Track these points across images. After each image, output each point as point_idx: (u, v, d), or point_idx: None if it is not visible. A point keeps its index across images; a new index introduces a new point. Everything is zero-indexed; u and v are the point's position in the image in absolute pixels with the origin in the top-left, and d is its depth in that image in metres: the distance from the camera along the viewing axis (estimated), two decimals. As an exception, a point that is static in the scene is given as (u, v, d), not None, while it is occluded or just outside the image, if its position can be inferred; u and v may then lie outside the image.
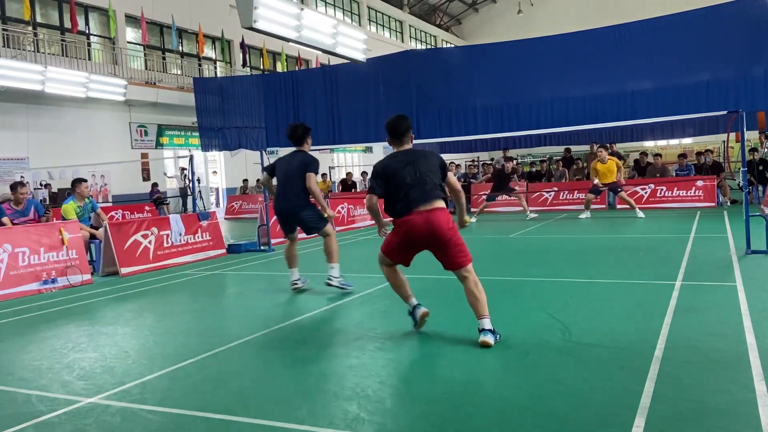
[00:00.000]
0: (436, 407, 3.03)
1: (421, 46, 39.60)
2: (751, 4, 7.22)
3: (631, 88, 7.95)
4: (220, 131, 10.46)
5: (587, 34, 8.30)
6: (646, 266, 6.83)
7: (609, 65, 8.11)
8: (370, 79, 9.76)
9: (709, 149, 16.31)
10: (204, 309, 5.95)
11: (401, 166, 4.26)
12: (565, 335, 4.14)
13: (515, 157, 21.28)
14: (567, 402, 2.98)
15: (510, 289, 6.02)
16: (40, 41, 18.17)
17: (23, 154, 17.36)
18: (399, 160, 4.32)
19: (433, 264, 4.42)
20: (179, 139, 22.71)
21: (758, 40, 7.13)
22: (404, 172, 4.23)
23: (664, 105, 7.75)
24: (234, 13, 19.16)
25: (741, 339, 3.79)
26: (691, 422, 2.68)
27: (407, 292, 4.51)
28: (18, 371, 4.06)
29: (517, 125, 8.83)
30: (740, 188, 7.65)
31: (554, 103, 8.41)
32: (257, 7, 7.47)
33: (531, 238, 10.27)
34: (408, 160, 4.30)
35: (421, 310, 4.42)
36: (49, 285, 7.32)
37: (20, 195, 8.68)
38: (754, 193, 13.95)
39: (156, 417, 3.11)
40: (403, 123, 4.46)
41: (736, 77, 7.21)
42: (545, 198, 15.84)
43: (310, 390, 3.38)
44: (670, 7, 10.01)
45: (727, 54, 7.35)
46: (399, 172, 4.24)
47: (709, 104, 7.49)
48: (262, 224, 10.46)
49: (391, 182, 4.27)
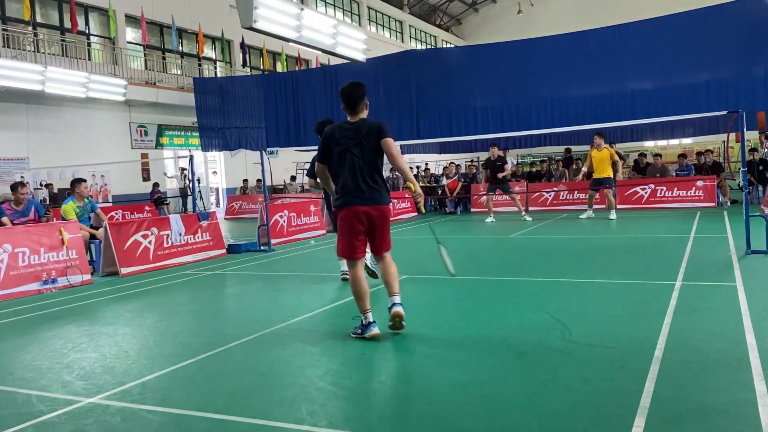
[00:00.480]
0: (436, 407, 3.03)
1: (421, 46, 39.61)
2: (751, 4, 7.23)
3: (631, 88, 7.97)
4: (220, 131, 10.47)
5: (587, 34, 8.31)
6: (646, 266, 6.83)
7: (609, 65, 8.12)
8: (370, 79, 9.75)
9: (709, 149, 16.30)
10: (204, 309, 5.95)
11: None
12: (565, 335, 4.14)
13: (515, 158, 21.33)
14: (567, 402, 2.98)
15: (510, 289, 6.02)
16: (40, 41, 18.17)
17: (23, 154, 17.36)
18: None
19: (433, 264, 4.41)
20: (179, 139, 22.71)
21: (758, 40, 7.14)
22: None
23: (664, 105, 7.76)
24: (234, 13, 19.15)
25: (741, 339, 3.79)
26: (691, 422, 2.68)
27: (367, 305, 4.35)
28: (18, 371, 4.06)
29: (517, 125, 8.85)
30: (740, 188, 7.64)
31: (554, 103, 8.42)
32: (257, 7, 7.48)
33: (531, 238, 10.27)
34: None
35: (375, 329, 4.26)
36: (49, 285, 7.32)
37: (20, 195, 8.69)
38: (754, 193, 13.95)
39: (156, 417, 3.11)
40: (359, 90, 4.41)
41: (736, 77, 7.22)
42: (545, 198, 15.84)
43: (310, 390, 3.38)
44: (671, 7, 10.02)
45: (727, 54, 7.36)
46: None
47: (709, 104, 7.50)
48: (262, 224, 10.46)
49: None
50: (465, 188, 17.14)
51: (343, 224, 4.37)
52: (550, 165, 19.07)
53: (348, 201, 4.31)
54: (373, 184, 4.31)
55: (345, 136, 4.36)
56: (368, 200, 4.29)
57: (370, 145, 4.30)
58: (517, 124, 8.81)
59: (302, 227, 11.86)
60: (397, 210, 15.74)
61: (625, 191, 14.99)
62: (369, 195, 4.29)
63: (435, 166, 26.12)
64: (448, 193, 17.43)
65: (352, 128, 4.38)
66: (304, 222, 11.95)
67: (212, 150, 11.04)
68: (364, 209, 4.28)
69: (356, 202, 4.28)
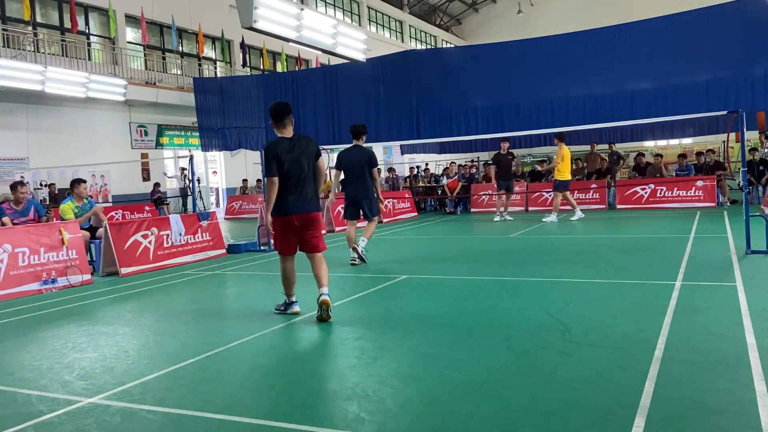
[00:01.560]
0: (436, 407, 3.03)
1: (421, 46, 39.60)
2: (750, 4, 7.23)
3: (631, 88, 7.97)
4: (220, 131, 10.47)
5: (587, 34, 8.31)
6: (646, 266, 6.83)
7: (609, 65, 8.12)
8: (370, 79, 9.77)
9: (710, 149, 16.29)
10: (204, 309, 5.95)
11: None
12: (565, 335, 4.14)
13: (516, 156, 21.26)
14: (567, 402, 2.98)
15: (510, 289, 6.02)
16: (40, 41, 18.16)
17: (23, 154, 17.36)
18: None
19: (432, 264, 4.41)
20: (179, 139, 22.71)
21: (758, 40, 7.14)
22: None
23: (664, 105, 7.76)
24: (234, 13, 19.17)
25: (741, 339, 3.79)
26: (691, 422, 2.68)
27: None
28: (18, 371, 4.06)
29: (517, 125, 8.85)
30: (740, 188, 7.64)
31: (554, 103, 8.42)
32: (257, 7, 7.47)
33: (531, 238, 10.27)
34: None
35: (296, 307, 5.21)
36: (49, 285, 7.32)
37: (20, 194, 8.68)
38: (754, 193, 13.95)
39: (156, 417, 3.11)
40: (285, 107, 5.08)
41: (736, 77, 7.22)
42: (545, 198, 15.84)
43: (310, 390, 3.38)
44: (670, 7, 10.02)
45: (727, 54, 7.36)
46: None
47: (709, 104, 7.50)
48: (262, 224, 10.46)
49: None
50: (465, 188, 17.14)
51: (278, 226, 5.04)
52: (550, 165, 19.07)
53: (289, 209, 4.97)
54: (312, 194, 5.09)
55: (286, 150, 4.95)
56: (304, 206, 5.00)
57: (310, 159, 5.04)
58: (517, 124, 8.81)
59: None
60: (397, 210, 15.77)
61: (625, 191, 14.99)
62: (306, 202, 5.03)
63: (435, 166, 26.12)
64: (448, 193, 17.44)
65: (291, 143, 5.01)
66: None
67: (212, 150, 11.03)
68: (301, 216, 5.00)
69: (294, 210, 4.97)
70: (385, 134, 9.54)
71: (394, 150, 31.40)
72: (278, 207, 4.98)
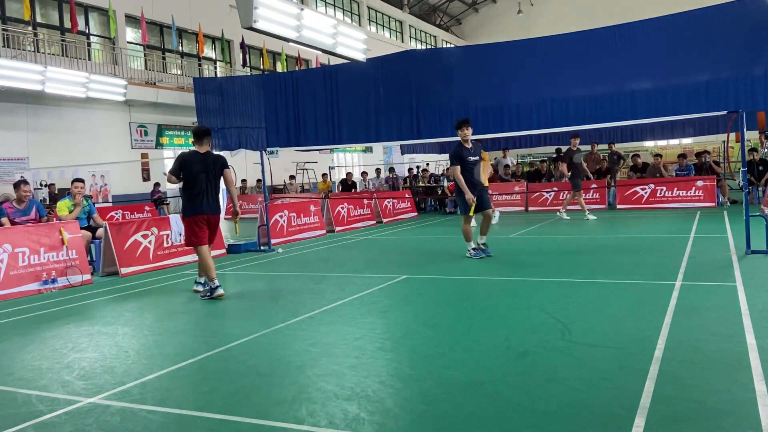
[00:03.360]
0: (436, 407, 3.03)
1: (421, 46, 39.61)
2: (751, 4, 7.22)
3: (631, 88, 7.95)
4: (220, 131, 10.46)
5: (587, 34, 8.30)
6: (646, 266, 6.83)
7: (609, 65, 8.11)
8: (370, 79, 9.75)
9: (707, 150, 16.30)
10: (204, 309, 5.95)
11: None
12: (565, 335, 4.15)
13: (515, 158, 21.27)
14: (567, 402, 2.98)
15: (510, 289, 6.02)
16: (40, 41, 18.17)
17: (23, 154, 17.36)
18: None
19: (432, 264, 4.41)
20: (179, 139, 22.71)
21: (758, 40, 7.13)
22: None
23: (664, 105, 7.74)
24: (234, 13, 19.15)
25: (741, 339, 3.79)
26: (691, 422, 2.68)
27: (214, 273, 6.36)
28: (18, 371, 4.06)
29: (517, 125, 8.83)
30: (740, 188, 7.64)
31: (554, 103, 8.40)
32: (257, 7, 7.47)
33: (531, 238, 10.27)
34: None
35: (220, 290, 6.21)
36: (49, 285, 7.32)
37: (23, 193, 8.67)
38: (754, 193, 13.95)
39: (156, 417, 3.11)
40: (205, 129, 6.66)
41: (736, 77, 7.21)
42: (545, 198, 15.84)
43: (310, 390, 3.38)
44: (671, 7, 10.01)
45: (727, 54, 7.34)
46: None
47: (709, 104, 7.48)
48: (262, 224, 10.46)
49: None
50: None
51: (191, 222, 6.38)
52: (550, 165, 19.06)
53: (201, 209, 6.38)
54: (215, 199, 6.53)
55: (197, 162, 6.37)
56: (212, 209, 6.48)
57: (216, 171, 6.47)
58: (517, 124, 8.79)
59: (302, 227, 11.87)
60: (397, 210, 15.79)
61: (625, 191, 14.99)
62: (213, 206, 6.49)
63: (435, 166, 26.11)
64: (448, 194, 17.43)
65: (203, 157, 6.43)
66: (303, 222, 11.96)
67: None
68: (209, 216, 6.48)
69: (206, 211, 6.42)
70: (385, 134, 9.52)
71: (394, 150, 31.43)
72: (192, 208, 6.36)
